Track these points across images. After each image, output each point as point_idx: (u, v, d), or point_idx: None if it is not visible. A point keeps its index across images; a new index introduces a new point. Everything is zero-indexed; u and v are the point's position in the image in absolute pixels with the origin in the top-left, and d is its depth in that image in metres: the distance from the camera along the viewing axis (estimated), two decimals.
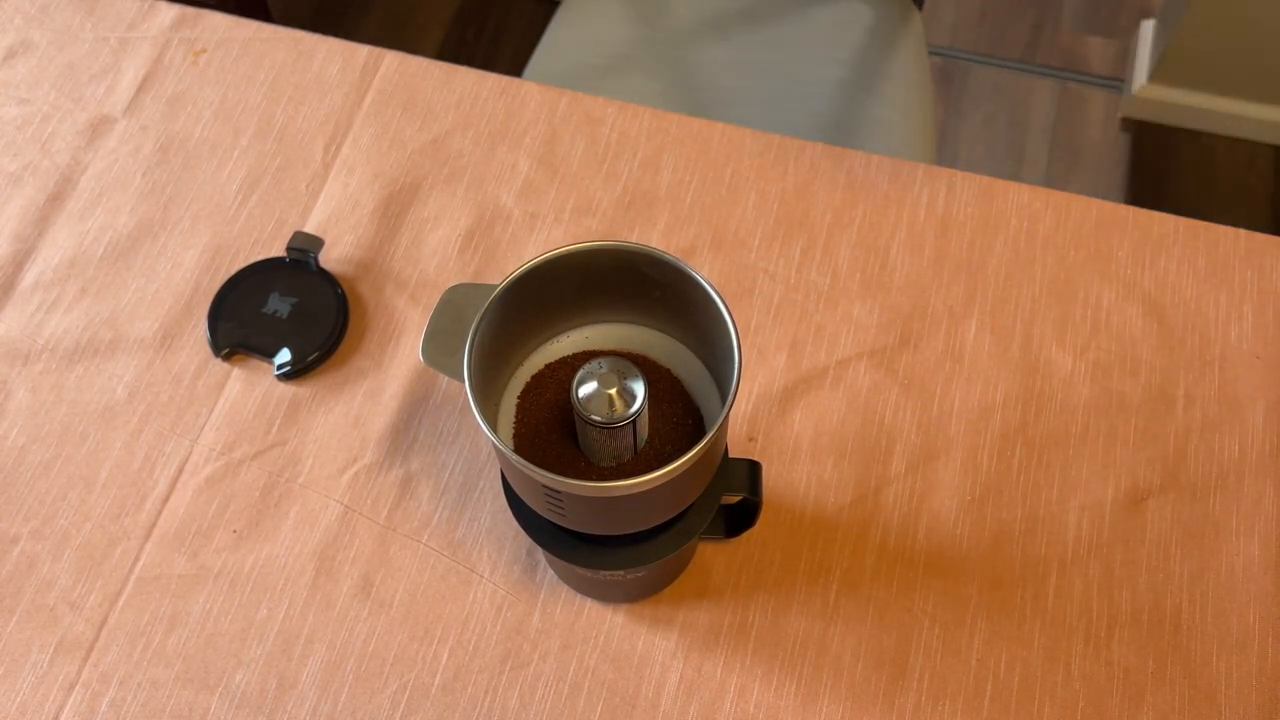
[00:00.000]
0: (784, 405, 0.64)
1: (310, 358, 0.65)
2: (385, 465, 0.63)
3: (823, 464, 0.63)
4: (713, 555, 0.60)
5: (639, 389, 0.44)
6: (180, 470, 0.63)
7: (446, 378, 0.65)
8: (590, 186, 0.72)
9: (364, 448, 0.64)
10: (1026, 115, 1.62)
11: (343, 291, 0.67)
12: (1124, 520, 0.61)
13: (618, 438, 0.45)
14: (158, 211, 0.72)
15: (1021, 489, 0.62)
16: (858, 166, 0.72)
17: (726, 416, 0.43)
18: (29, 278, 0.69)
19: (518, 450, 0.48)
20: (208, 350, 0.67)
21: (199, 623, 0.59)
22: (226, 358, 0.66)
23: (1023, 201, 0.71)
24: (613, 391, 0.44)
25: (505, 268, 0.69)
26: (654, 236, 0.70)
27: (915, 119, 1.02)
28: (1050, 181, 1.56)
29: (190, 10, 0.79)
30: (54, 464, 0.64)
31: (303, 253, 0.68)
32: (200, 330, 0.67)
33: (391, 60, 0.77)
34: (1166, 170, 1.58)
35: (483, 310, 0.45)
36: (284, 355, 0.65)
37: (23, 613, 0.60)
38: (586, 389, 0.44)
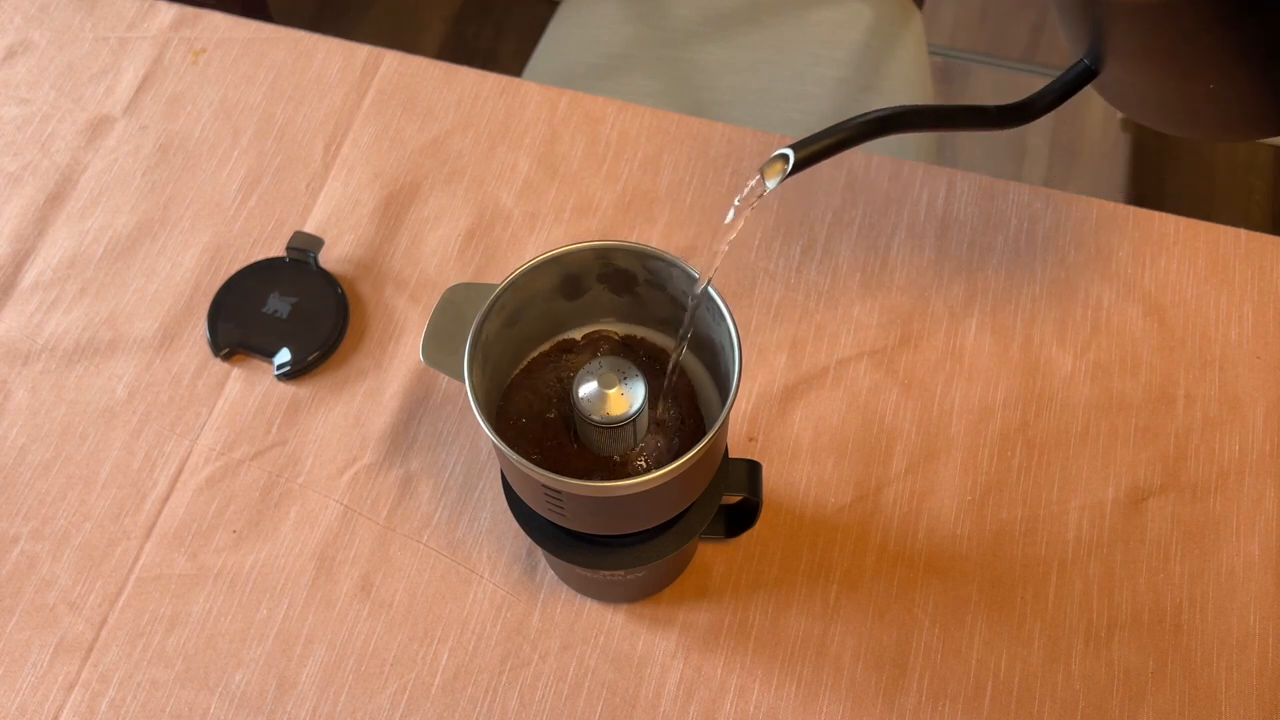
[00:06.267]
0: (784, 405, 0.64)
1: (310, 358, 0.65)
2: (385, 465, 0.63)
3: (823, 464, 0.63)
4: (713, 555, 0.60)
5: (639, 389, 0.44)
6: (180, 470, 0.63)
7: (446, 378, 0.65)
8: (590, 186, 0.72)
9: (364, 448, 0.64)
10: None
11: (343, 291, 0.67)
12: (1124, 520, 0.61)
13: (618, 438, 0.45)
14: (157, 211, 0.72)
15: (1021, 489, 0.62)
16: (858, 166, 0.72)
17: (726, 416, 0.43)
18: (29, 278, 0.69)
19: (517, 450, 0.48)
20: (207, 350, 0.67)
21: (199, 623, 0.59)
22: (226, 358, 0.66)
23: (1023, 201, 0.71)
24: (613, 391, 0.44)
25: (505, 268, 0.69)
26: (654, 236, 0.70)
27: None
28: (1050, 181, 1.56)
29: (190, 10, 0.79)
30: (54, 464, 0.64)
31: (303, 253, 0.68)
32: (200, 330, 0.67)
33: (391, 60, 0.77)
34: (1166, 170, 1.58)
35: (483, 310, 0.45)
36: (284, 355, 0.65)
37: (23, 613, 0.60)
38: (586, 389, 0.44)
